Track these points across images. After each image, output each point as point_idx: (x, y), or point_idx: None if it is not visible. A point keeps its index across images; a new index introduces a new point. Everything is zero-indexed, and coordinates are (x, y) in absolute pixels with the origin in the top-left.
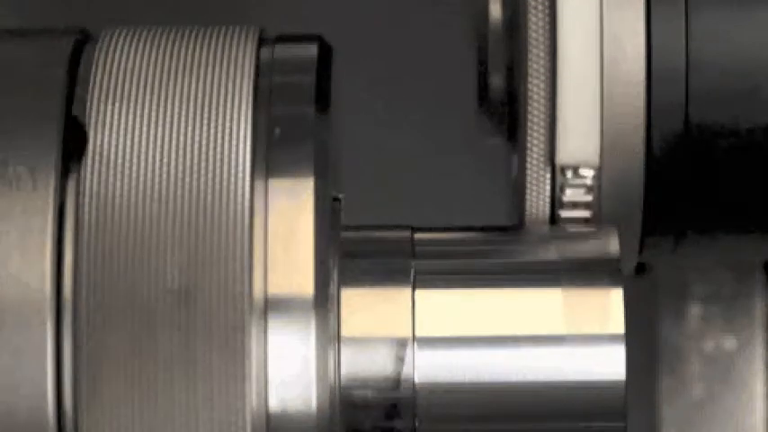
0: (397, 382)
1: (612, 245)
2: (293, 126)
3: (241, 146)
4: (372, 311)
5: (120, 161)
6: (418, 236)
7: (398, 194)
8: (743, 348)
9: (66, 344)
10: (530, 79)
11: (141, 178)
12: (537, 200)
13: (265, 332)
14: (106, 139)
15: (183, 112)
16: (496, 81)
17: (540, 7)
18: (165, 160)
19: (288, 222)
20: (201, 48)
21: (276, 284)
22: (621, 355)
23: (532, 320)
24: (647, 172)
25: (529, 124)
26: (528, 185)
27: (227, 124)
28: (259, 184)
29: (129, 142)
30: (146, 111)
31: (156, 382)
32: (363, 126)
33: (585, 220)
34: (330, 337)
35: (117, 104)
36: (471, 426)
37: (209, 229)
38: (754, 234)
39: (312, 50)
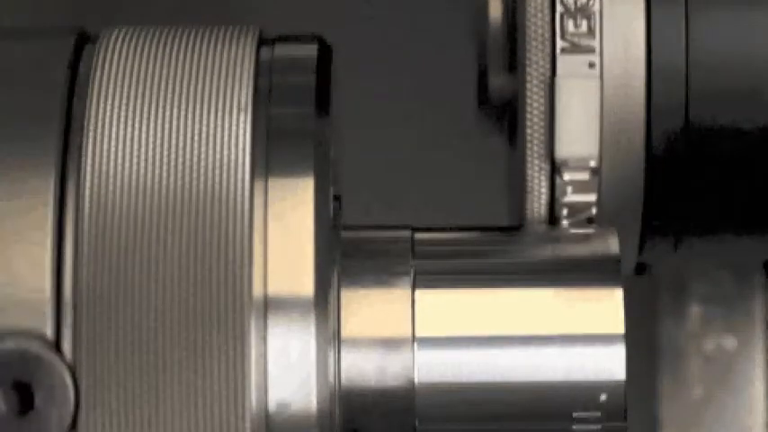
0: (396, 382)
1: (612, 245)
2: (293, 126)
3: (241, 146)
4: (372, 311)
5: (119, 161)
6: (418, 236)
7: (398, 194)
8: (743, 348)
9: (65, 343)
10: (529, 79)
11: (141, 178)
12: (537, 200)
13: (265, 332)
14: (106, 139)
15: (183, 112)
16: (496, 81)
17: (539, 6)
18: (165, 160)
19: (288, 222)
20: (201, 48)
21: (276, 284)
22: (621, 355)
23: (532, 320)
24: (647, 172)
25: (529, 124)
26: (528, 185)
27: (227, 124)
28: (259, 184)
29: (128, 142)
30: (145, 110)
31: (155, 382)
32: (363, 126)
33: (588, 220)
34: (330, 337)
35: (117, 104)
36: (471, 426)
37: (209, 228)
38: (754, 234)
39: (312, 50)
